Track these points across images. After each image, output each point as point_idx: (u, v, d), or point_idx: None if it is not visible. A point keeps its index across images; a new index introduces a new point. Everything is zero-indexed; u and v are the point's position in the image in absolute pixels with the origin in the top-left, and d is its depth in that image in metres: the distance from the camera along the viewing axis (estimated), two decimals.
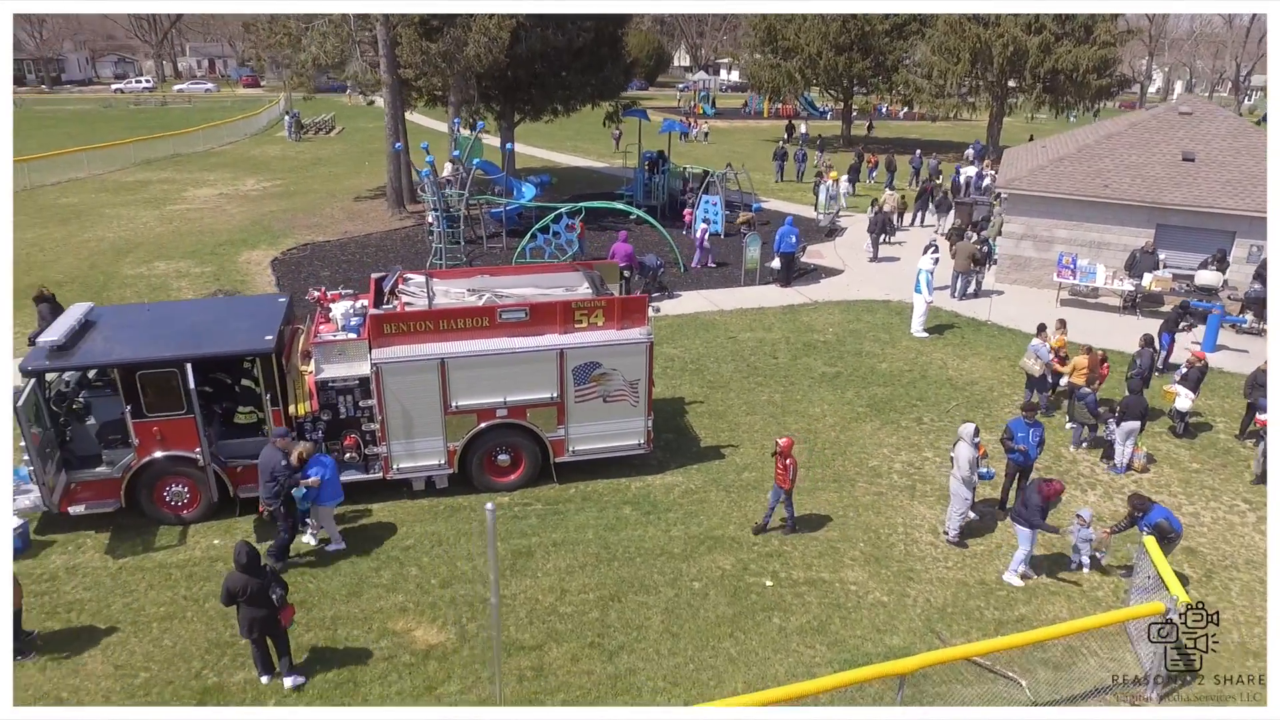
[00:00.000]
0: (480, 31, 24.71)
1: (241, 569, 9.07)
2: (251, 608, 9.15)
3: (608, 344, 13.16)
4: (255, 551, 9.23)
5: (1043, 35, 39.18)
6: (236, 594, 9.13)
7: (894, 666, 8.85)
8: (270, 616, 9.24)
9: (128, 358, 11.79)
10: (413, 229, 28.78)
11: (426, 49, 24.97)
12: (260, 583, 9.09)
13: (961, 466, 12.17)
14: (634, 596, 11.33)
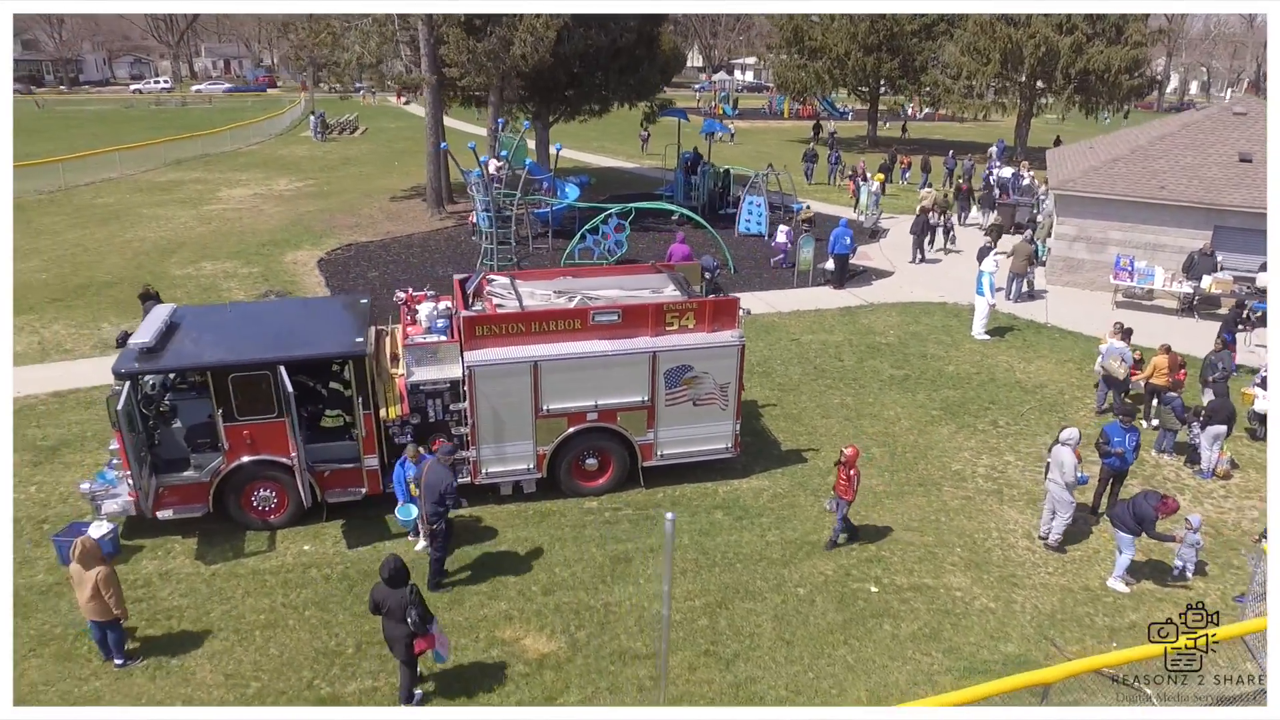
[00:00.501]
0: (527, 31, 24.55)
1: (384, 582, 8.88)
2: (390, 624, 8.93)
3: (700, 347, 12.99)
4: (401, 566, 8.93)
5: (1075, 35, 39.02)
6: (381, 606, 8.98)
7: (1038, 676, 8.68)
8: (406, 638, 8.83)
9: (221, 360, 11.62)
10: (454, 229, 28.63)
11: (473, 48, 24.80)
12: (398, 598, 8.76)
13: (1066, 472, 12.00)
14: (741, 603, 11.17)
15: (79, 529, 11.75)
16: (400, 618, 8.75)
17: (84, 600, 9.44)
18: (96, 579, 9.30)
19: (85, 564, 9.32)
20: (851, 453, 11.95)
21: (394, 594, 8.79)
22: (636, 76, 31.26)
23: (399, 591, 8.78)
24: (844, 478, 11.95)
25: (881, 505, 13.50)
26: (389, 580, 8.82)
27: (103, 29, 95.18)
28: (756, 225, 28.19)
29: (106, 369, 17.10)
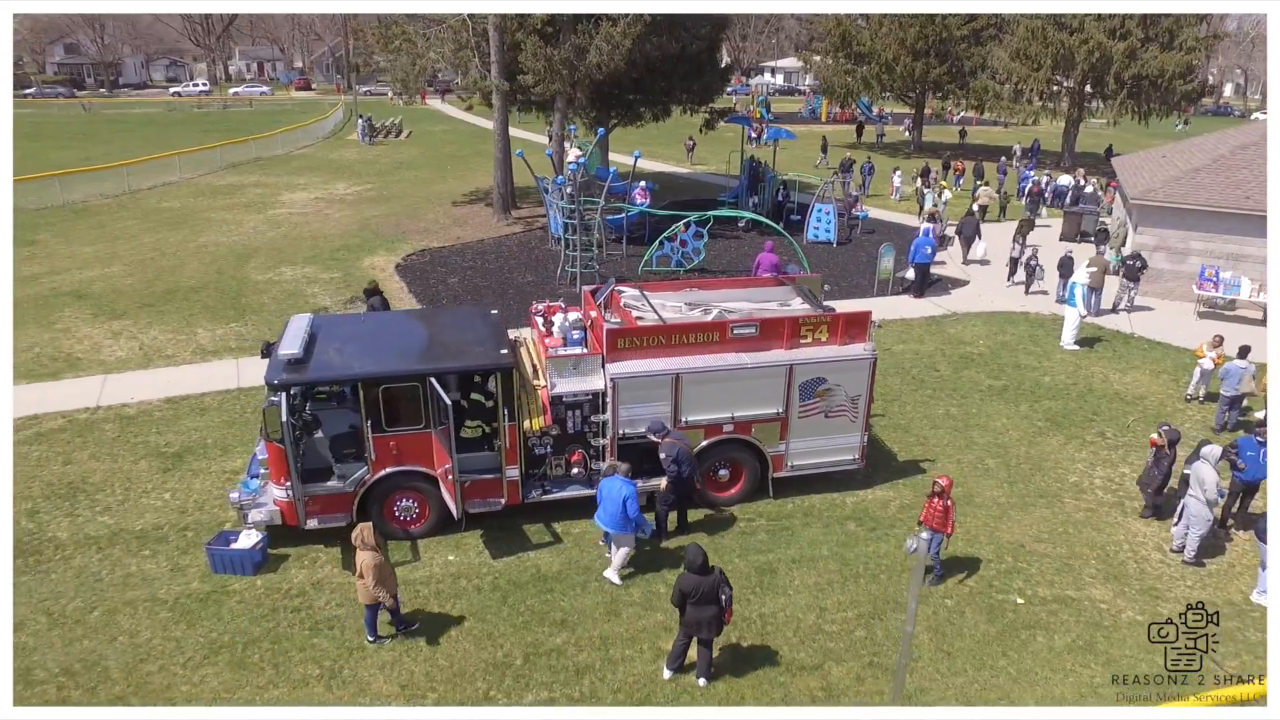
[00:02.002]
0: (605, 39, 24.71)
1: (695, 570, 9.47)
2: (699, 608, 9.49)
3: (834, 360, 13.10)
4: (705, 553, 9.61)
5: (1128, 41, 38.96)
6: (689, 595, 9.48)
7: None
8: (716, 616, 9.56)
9: (374, 371, 11.77)
10: (523, 235, 28.83)
11: (549, 55, 24.96)
12: (710, 582, 9.46)
13: (1208, 489, 12.05)
14: (893, 615, 11.26)
15: (229, 538, 12.01)
16: (713, 599, 9.48)
17: (356, 579, 10.23)
18: (361, 564, 10.02)
19: (360, 547, 10.09)
20: (947, 483, 11.42)
21: (705, 579, 9.48)
22: (700, 82, 31.40)
23: (710, 576, 9.50)
24: (940, 509, 11.43)
25: (1007, 517, 13.58)
26: (700, 569, 9.47)
27: (140, 32, 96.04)
28: (826, 233, 28.28)
29: (211, 376, 17.73)
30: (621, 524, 11.35)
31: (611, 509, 11.28)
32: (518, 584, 11.67)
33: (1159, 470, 13.09)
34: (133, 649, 10.43)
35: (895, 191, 36.32)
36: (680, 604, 9.68)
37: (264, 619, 10.96)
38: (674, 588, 9.74)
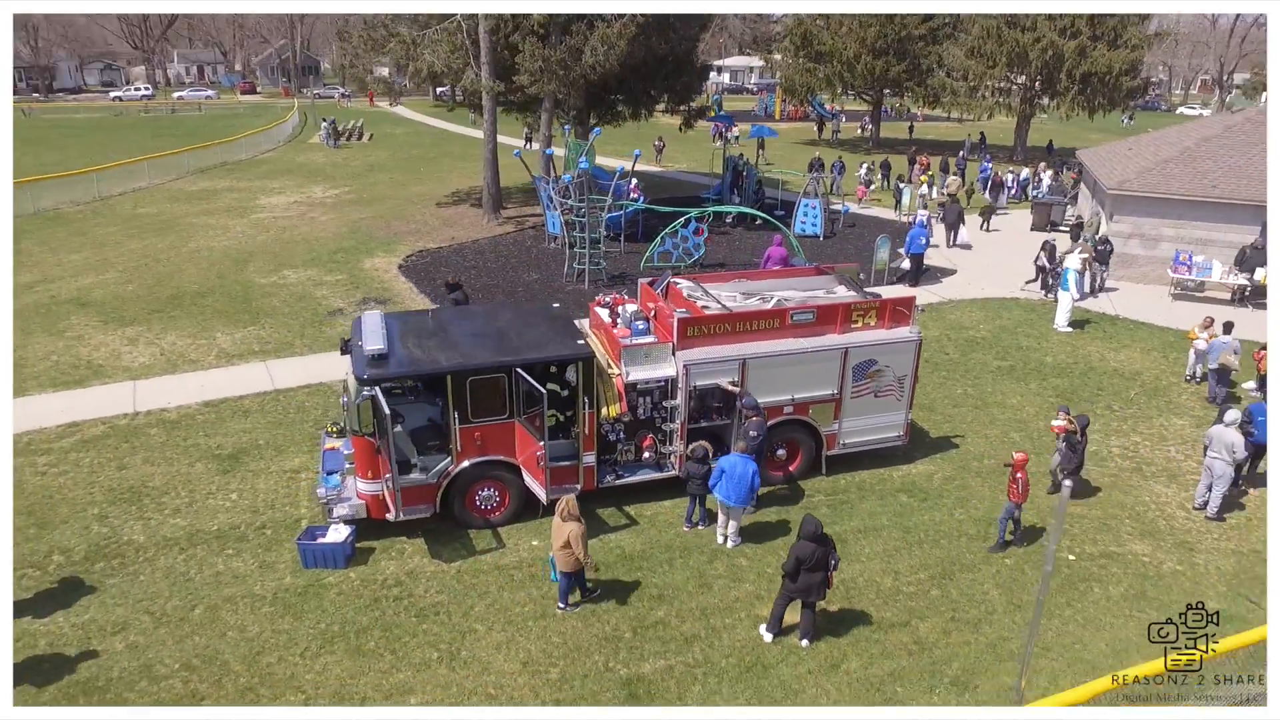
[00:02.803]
0: (601, 40, 25.22)
1: (811, 538, 10.20)
2: (811, 574, 10.24)
3: (884, 343, 13.91)
4: (821, 523, 10.42)
5: (1078, 39, 40.90)
6: (804, 561, 10.16)
7: None
8: (823, 581, 10.34)
9: (461, 364, 12.15)
10: (517, 234, 29.17)
11: (546, 56, 25.38)
12: (823, 551, 10.21)
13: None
14: (962, 574, 12.11)
15: (316, 533, 12.26)
16: (823, 565, 10.27)
17: (557, 548, 10.83)
18: (569, 534, 10.62)
19: (564, 518, 10.76)
20: (1021, 458, 12.34)
21: (820, 548, 10.23)
22: (680, 81, 32.13)
23: (823, 547, 10.26)
24: (1013, 481, 12.39)
25: (1040, 484, 14.52)
26: (816, 537, 10.22)
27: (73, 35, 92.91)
28: (812, 227, 29.23)
29: (244, 379, 17.87)
30: (745, 497, 12.11)
31: (739, 484, 12.00)
32: (606, 564, 12.16)
33: (1075, 455, 13.51)
34: (245, 643, 10.67)
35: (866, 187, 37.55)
36: (795, 570, 10.32)
37: (368, 608, 11.29)
38: (789, 555, 10.39)
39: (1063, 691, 8.76)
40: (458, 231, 29.27)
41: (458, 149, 48.36)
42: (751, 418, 12.95)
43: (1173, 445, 15.99)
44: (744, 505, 12.40)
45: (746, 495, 12.24)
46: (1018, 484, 12.29)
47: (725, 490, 12.24)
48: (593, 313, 14.73)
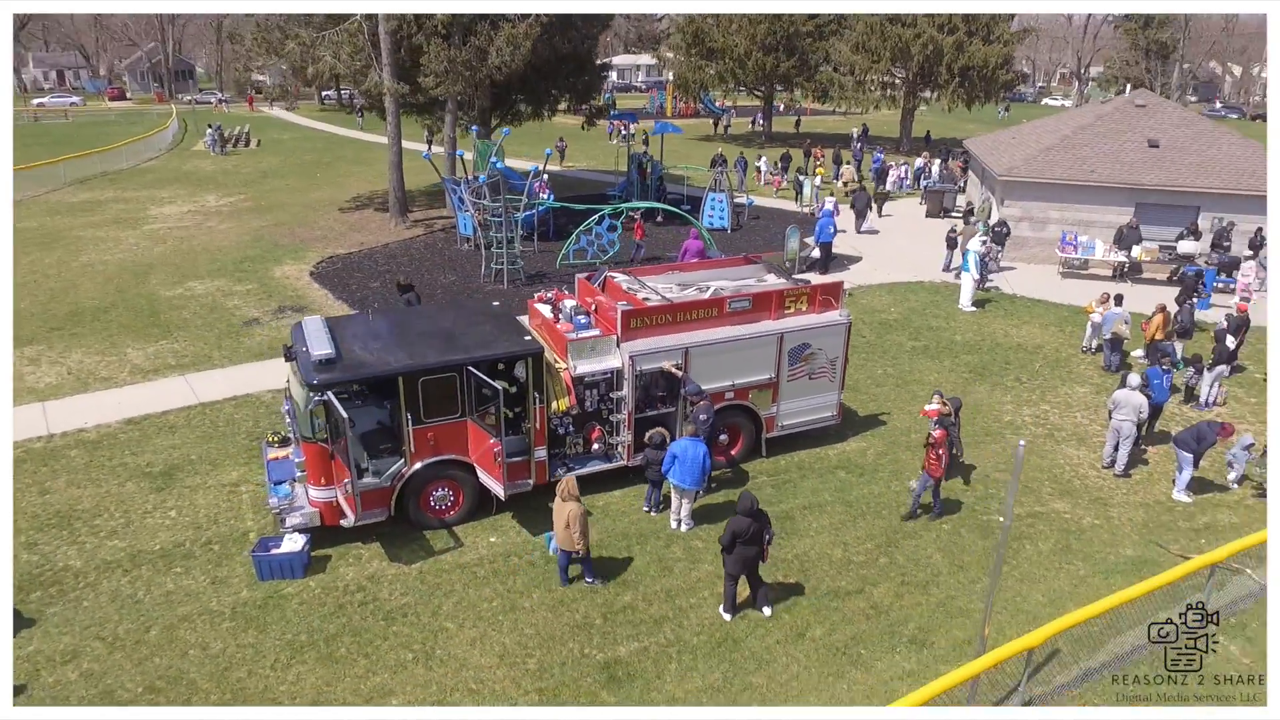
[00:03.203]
0: (507, 40, 25.21)
1: (747, 513, 10.60)
2: (747, 547, 10.65)
3: (817, 326, 14.54)
4: (756, 498, 10.86)
5: (956, 35, 43.05)
6: (740, 535, 10.51)
7: (1201, 561, 10.76)
8: (759, 555, 10.81)
9: (412, 365, 12.13)
10: (427, 237, 28.82)
11: (452, 57, 25.20)
12: (759, 525, 10.62)
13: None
14: (906, 542, 12.83)
15: (269, 544, 12.06)
16: (758, 539, 10.71)
17: (559, 529, 11.27)
18: (569, 514, 11.07)
19: (565, 499, 11.23)
20: (940, 435, 12.97)
21: (755, 523, 10.65)
22: (582, 80, 32.34)
23: (759, 521, 10.70)
24: (934, 457, 12.98)
25: (967, 454, 15.42)
26: (751, 512, 10.63)
27: None
28: (720, 220, 29.91)
29: (164, 394, 17.32)
30: (699, 479, 12.51)
31: (690, 466, 12.36)
32: None
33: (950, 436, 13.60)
34: (210, 660, 10.44)
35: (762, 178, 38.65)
36: (730, 544, 10.74)
37: (333, 615, 11.18)
38: (726, 529, 10.83)
39: (1010, 641, 9.43)
40: (366, 236, 28.74)
41: (351, 153, 47.26)
42: (699, 403, 13.36)
43: (1078, 411, 17.22)
44: (698, 487, 12.82)
45: (700, 477, 12.65)
46: (939, 460, 12.95)
47: (679, 474, 12.61)
48: (533, 310, 14.87)
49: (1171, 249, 24.67)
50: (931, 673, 10.15)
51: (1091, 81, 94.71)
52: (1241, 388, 18.32)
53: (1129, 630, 10.64)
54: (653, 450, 13.12)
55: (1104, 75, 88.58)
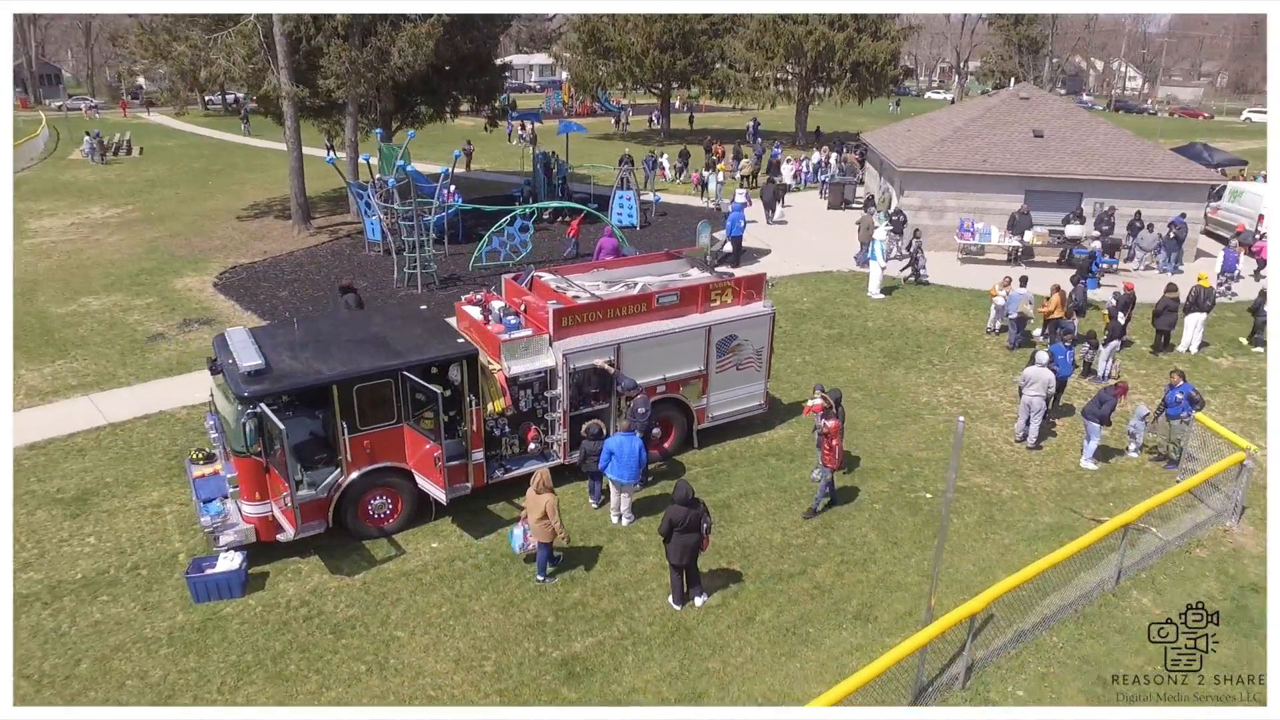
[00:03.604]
0: (409, 41, 24.78)
1: (684, 502, 10.68)
2: (685, 535, 10.72)
3: (743, 318, 14.89)
4: (692, 487, 10.93)
5: (847, 31, 44.40)
6: (677, 523, 10.60)
7: (1116, 523, 11.48)
8: (698, 544, 10.88)
9: (348, 371, 11.90)
10: (333, 243, 28.10)
11: (353, 58, 24.63)
12: (695, 513, 10.71)
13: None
14: (841, 523, 13.28)
15: (203, 564, 11.67)
16: (696, 527, 10.77)
17: (534, 520, 11.39)
18: (546, 505, 11.21)
19: (539, 491, 11.36)
20: (833, 426, 13.08)
21: (692, 511, 10.73)
22: (483, 81, 32.06)
23: (695, 510, 10.75)
24: (827, 448, 13.17)
25: (888, 435, 16.11)
26: (687, 501, 10.70)
27: None
28: (628, 217, 30.13)
29: (67, 416, 16.54)
30: (636, 473, 12.64)
31: (627, 460, 12.48)
32: (511, 555, 12.34)
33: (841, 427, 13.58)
34: (150, 689, 10.04)
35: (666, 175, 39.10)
36: (668, 533, 10.90)
37: (278, 633, 10.90)
38: (663, 518, 10.98)
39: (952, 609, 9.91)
40: (269, 245, 27.84)
41: (243, 160, 45.62)
42: (635, 397, 13.52)
43: (988, 390, 18.09)
44: (635, 481, 12.97)
45: (636, 471, 12.81)
46: (833, 451, 13.12)
47: (617, 470, 12.75)
48: (461, 312, 14.76)
49: (1060, 233, 26.10)
50: (878, 645, 10.60)
51: (970, 76, 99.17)
52: (1132, 360, 19.57)
53: (1054, 592, 11.30)
54: (590, 442, 13.22)
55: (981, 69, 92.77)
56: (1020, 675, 10.30)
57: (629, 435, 12.77)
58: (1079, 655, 10.64)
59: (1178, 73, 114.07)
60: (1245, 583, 12.12)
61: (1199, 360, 19.73)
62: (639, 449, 12.72)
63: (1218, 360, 19.89)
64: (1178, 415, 14.50)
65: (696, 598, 11.39)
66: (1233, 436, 13.68)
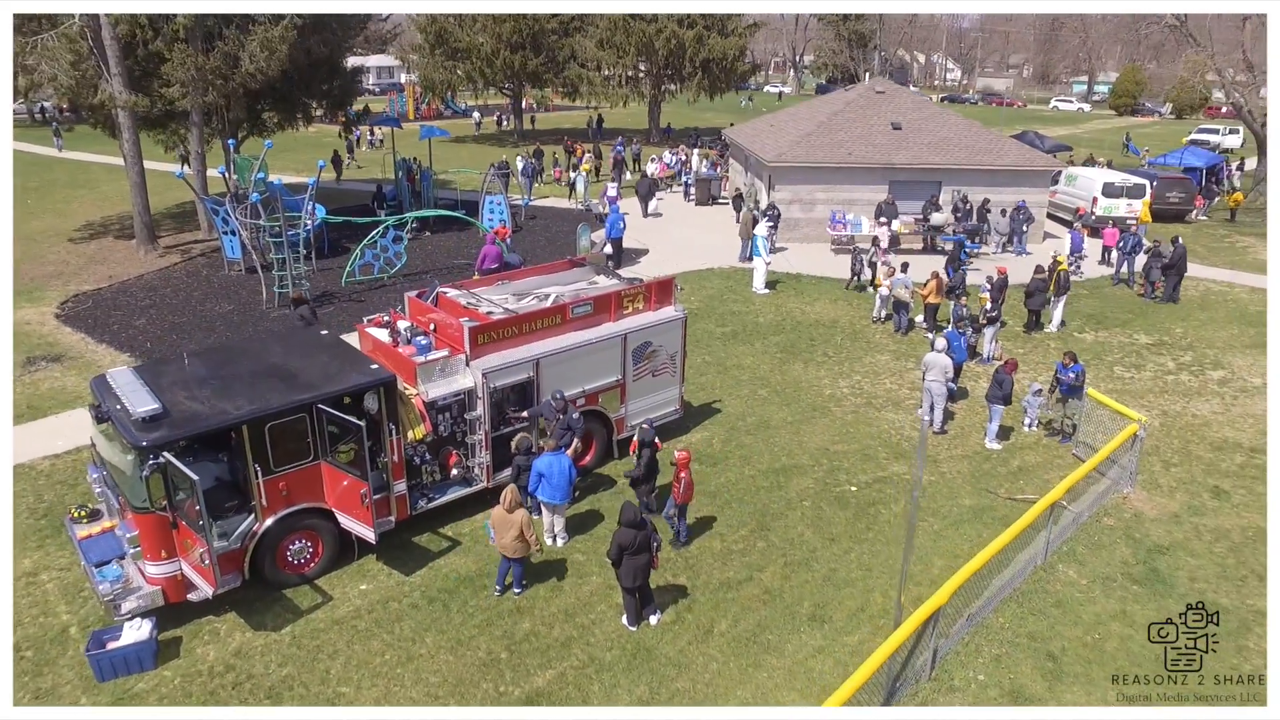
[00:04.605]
0: (261, 45, 23.16)
1: (630, 524, 10.42)
2: (635, 557, 10.47)
3: (656, 324, 14.71)
4: (638, 508, 10.70)
5: (696, 29, 44.96)
6: (627, 547, 10.31)
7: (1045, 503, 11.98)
8: (649, 563, 10.66)
9: (258, 409, 10.91)
10: (187, 264, 25.98)
11: (201, 64, 22.78)
12: (644, 535, 10.47)
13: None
14: (776, 523, 13.33)
15: (105, 638, 10.44)
16: (645, 548, 10.54)
17: (508, 540, 11.10)
18: (521, 522, 11.02)
19: (510, 509, 11.07)
20: (683, 457, 12.33)
21: (640, 533, 10.48)
22: (337, 86, 30.50)
23: (643, 531, 10.51)
24: (675, 480, 12.32)
25: (802, 430, 16.32)
26: (634, 522, 10.44)
27: None
28: (501, 221, 29.35)
29: None
30: (567, 492, 12.29)
31: (559, 481, 12.11)
32: (449, 590, 11.74)
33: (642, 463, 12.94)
34: None
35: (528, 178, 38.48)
36: (618, 557, 10.60)
37: (205, 703, 9.89)
38: (612, 542, 10.65)
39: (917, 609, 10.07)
40: (113, 268, 25.45)
41: (64, 175, 41.64)
42: (563, 409, 13.11)
43: (886, 378, 18.66)
44: (566, 501, 12.58)
45: (568, 490, 12.45)
46: (680, 484, 12.30)
47: (548, 491, 12.33)
48: (364, 335, 13.89)
49: (925, 221, 27.31)
50: (838, 645, 10.71)
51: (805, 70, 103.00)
52: (1008, 340, 20.66)
53: (994, 575, 11.68)
54: (522, 457, 12.73)
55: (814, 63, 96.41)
56: (977, 659, 10.60)
57: (557, 455, 12.35)
58: (1025, 633, 11.05)
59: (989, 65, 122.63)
60: (1151, 545, 12.96)
61: (1065, 336, 21.07)
62: (568, 468, 12.34)
63: (1082, 335, 21.31)
64: (1074, 394, 15.35)
65: (651, 616, 11.12)
66: (1123, 409, 14.61)
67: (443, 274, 25.20)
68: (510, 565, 11.52)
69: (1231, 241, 31.55)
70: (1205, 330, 21.94)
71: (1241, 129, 56.34)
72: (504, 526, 11.15)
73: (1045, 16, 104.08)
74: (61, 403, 17.00)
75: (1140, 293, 24.34)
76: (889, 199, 27.37)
